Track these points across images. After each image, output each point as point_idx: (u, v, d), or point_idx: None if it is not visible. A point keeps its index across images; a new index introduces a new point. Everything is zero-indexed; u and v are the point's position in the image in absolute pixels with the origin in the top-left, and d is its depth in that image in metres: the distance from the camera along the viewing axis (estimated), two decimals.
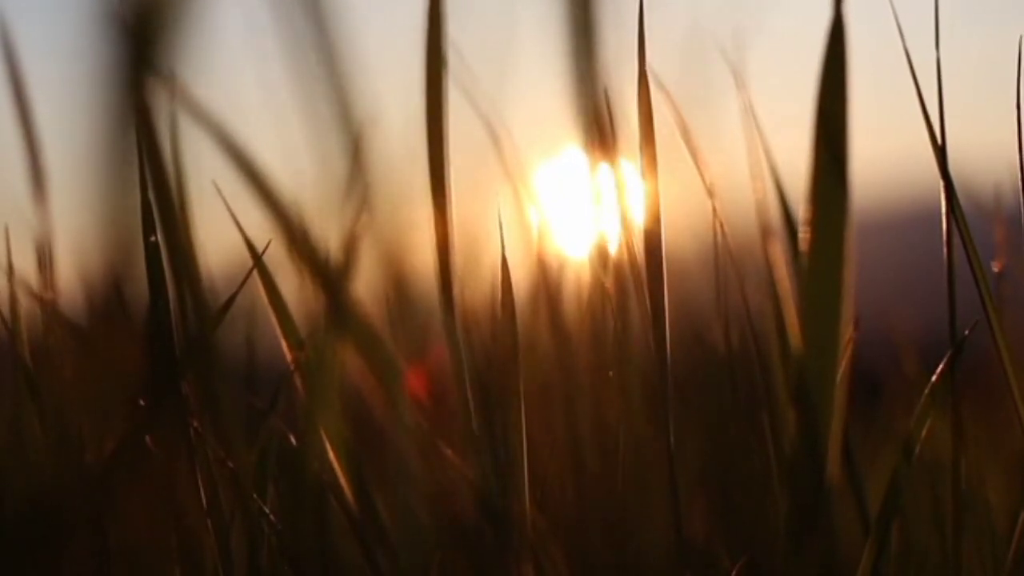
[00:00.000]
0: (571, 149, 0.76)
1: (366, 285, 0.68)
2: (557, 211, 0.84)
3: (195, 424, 0.82)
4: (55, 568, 0.68)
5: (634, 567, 0.80)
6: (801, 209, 0.70)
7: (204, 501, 0.83)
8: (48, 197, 0.95)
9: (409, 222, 0.66)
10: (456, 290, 0.78)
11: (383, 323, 0.70)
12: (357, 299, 0.70)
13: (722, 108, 0.83)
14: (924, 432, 0.85)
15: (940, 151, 0.84)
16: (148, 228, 0.75)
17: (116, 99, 0.52)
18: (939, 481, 0.99)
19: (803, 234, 0.70)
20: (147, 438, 0.69)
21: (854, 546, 0.84)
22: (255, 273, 0.86)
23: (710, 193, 0.84)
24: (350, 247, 0.67)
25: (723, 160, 0.84)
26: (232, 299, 0.87)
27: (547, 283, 0.83)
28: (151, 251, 0.77)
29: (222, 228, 0.86)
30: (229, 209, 0.86)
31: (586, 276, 0.86)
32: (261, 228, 0.84)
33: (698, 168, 0.84)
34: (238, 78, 0.68)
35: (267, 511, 0.86)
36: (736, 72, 0.85)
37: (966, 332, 0.84)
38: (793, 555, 0.73)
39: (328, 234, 0.67)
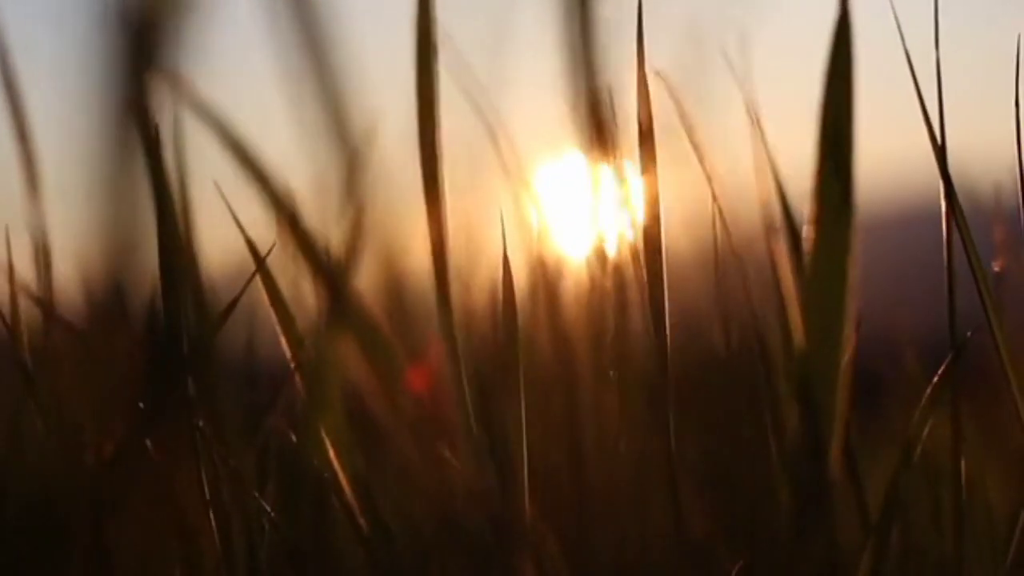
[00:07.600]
0: (571, 148, 0.76)
1: (367, 283, 0.68)
2: (557, 210, 0.84)
3: (198, 422, 0.82)
4: (56, 568, 0.68)
5: (634, 566, 0.80)
6: (805, 207, 0.70)
7: (206, 499, 0.83)
8: (42, 196, 0.95)
9: (409, 220, 0.65)
10: (452, 289, 0.78)
11: (383, 321, 0.70)
12: (357, 297, 0.69)
13: (724, 105, 0.83)
14: (925, 432, 0.85)
15: (940, 151, 0.83)
16: (159, 227, 0.75)
17: (117, 96, 0.52)
18: (940, 481, 0.99)
19: (807, 232, 0.70)
20: (148, 437, 0.69)
21: (855, 545, 0.84)
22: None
23: (712, 191, 0.84)
24: (351, 245, 0.67)
25: (725, 158, 0.84)
26: (236, 301, 0.87)
27: (547, 282, 0.83)
28: (163, 251, 0.77)
29: (222, 226, 0.86)
30: (230, 208, 0.86)
31: (586, 275, 0.86)
32: (261, 226, 0.84)
33: (701, 165, 0.83)
34: (239, 76, 0.68)
35: (268, 509, 0.86)
36: (739, 69, 0.85)
37: (968, 334, 0.84)
38: (794, 554, 0.73)
39: (329, 231, 0.67)
